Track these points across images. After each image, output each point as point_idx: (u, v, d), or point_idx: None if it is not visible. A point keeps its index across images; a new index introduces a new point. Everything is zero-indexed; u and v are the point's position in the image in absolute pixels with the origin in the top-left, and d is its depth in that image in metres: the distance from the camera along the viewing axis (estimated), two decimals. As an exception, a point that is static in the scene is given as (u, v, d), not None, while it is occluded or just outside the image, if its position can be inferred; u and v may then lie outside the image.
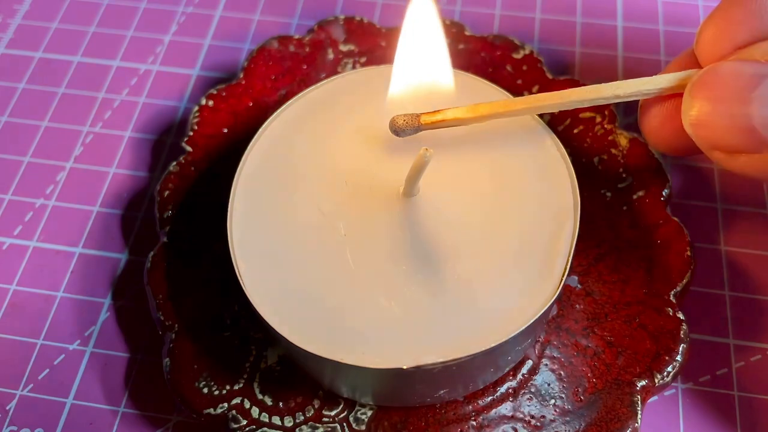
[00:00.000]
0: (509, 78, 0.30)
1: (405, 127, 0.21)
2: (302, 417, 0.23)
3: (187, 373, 0.24)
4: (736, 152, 0.18)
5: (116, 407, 0.25)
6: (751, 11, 0.19)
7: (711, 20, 0.20)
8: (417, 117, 0.21)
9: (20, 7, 0.36)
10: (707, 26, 0.20)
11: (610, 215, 0.26)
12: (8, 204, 0.30)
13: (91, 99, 0.33)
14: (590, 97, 0.21)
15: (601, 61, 0.33)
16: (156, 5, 0.36)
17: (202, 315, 0.25)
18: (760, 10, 0.19)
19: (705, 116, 0.19)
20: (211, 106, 0.29)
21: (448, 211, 0.22)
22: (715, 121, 0.18)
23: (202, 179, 0.28)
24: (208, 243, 0.26)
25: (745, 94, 0.18)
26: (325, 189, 0.22)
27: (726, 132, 0.18)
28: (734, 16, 0.19)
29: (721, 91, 0.18)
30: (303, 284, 0.21)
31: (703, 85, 0.19)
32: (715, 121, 0.18)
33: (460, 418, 0.23)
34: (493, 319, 0.20)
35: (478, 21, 0.35)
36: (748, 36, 0.19)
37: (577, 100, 0.21)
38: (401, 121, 0.21)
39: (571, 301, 0.25)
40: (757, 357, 0.26)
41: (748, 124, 0.18)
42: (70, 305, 0.27)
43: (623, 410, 0.23)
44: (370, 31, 0.31)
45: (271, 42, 0.31)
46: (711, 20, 0.20)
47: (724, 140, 0.18)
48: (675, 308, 0.24)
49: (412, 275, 0.21)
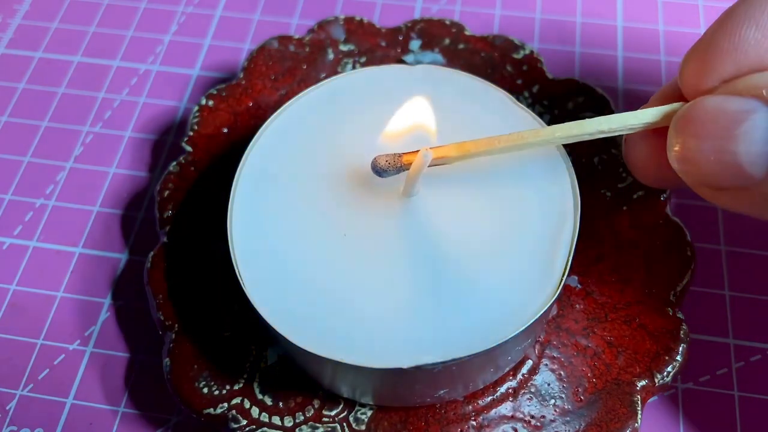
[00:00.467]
0: (509, 78, 0.30)
1: (387, 167, 0.21)
2: (302, 417, 0.23)
3: (187, 373, 0.24)
4: (723, 188, 0.18)
5: (116, 407, 0.25)
6: (734, 43, 0.18)
7: (694, 53, 0.19)
8: (399, 157, 0.21)
9: (20, 7, 0.36)
10: (690, 59, 0.19)
11: (610, 215, 0.26)
12: (8, 204, 0.30)
13: (91, 99, 0.33)
14: (574, 133, 0.20)
15: (601, 61, 0.33)
16: (156, 5, 0.36)
17: (202, 315, 0.25)
18: (742, 42, 0.18)
19: (690, 152, 0.18)
20: (211, 106, 0.29)
21: (447, 210, 0.22)
22: (701, 157, 0.18)
23: (202, 179, 0.28)
24: (208, 243, 0.26)
25: (730, 131, 0.17)
26: (325, 189, 0.22)
27: (712, 168, 0.18)
28: (717, 49, 0.19)
29: (706, 127, 0.18)
30: (303, 284, 0.21)
31: (688, 120, 0.18)
32: (700, 157, 0.18)
33: (460, 418, 0.23)
34: (493, 319, 0.20)
35: (478, 21, 0.35)
36: (732, 68, 0.18)
37: (561, 136, 0.20)
38: (383, 161, 0.21)
39: (571, 301, 0.25)
40: (757, 357, 0.26)
41: (734, 160, 0.17)
42: (70, 305, 0.27)
43: (623, 410, 0.23)
44: (370, 31, 0.31)
45: (271, 42, 0.31)
46: (694, 53, 0.19)
47: (710, 176, 0.18)
48: (675, 308, 0.24)
49: (412, 275, 0.21)
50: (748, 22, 0.18)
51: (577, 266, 0.25)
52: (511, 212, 0.22)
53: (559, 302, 0.25)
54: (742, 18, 0.18)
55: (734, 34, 0.18)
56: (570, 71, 0.33)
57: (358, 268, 0.21)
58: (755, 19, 0.18)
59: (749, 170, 0.17)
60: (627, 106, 0.31)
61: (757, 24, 0.18)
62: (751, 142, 0.17)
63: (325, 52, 0.31)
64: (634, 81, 0.32)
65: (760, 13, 0.18)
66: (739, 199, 0.18)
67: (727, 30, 0.18)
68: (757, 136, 0.17)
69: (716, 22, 0.19)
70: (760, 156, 0.17)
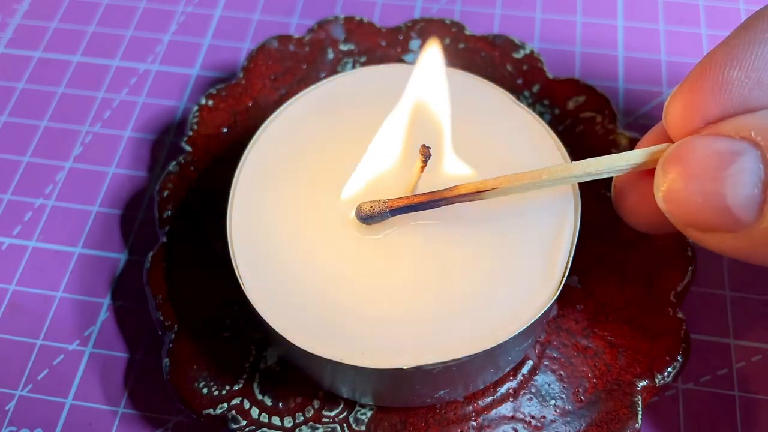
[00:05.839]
0: (509, 78, 0.30)
1: (372, 213, 0.21)
2: (302, 417, 0.23)
3: (187, 374, 0.23)
4: (711, 231, 0.18)
5: (116, 407, 0.25)
6: (719, 84, 0.18)
7: (679, 94, 0.19)
8: (384, 203, 0.21)
9: (19, 7, 0.36)
10: (675, 100, 0.19)
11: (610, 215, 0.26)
12: (7, 204, 0.30)
13: (91, 99, 0.33)
14: (562, 175, 0.20)
15: (601, 61, 0.33)
16: (156, 5, 0.36)
17: (202, 315, 0.25)
18: (727, 82, 0.18)
19: (677, 192, 0.18)
20: (210, 105, 0.29)
21: (448, 210, 0.22)
22: (688, 197, 0.18)
23: (201, 179, 0.27)
24: (208, 243, 0.26)
25: (718, 172, 0.17)
26: (325, 189, 0.22)
27: (699, 210, 0.17)
28: (701, 90, 0.18)
29: (693, 167, 0.17)
30: (303, 284, 0.21)
31: (675, 159, 0.18)
32: (687, 197, 0.18)
33: (461, 418, 0.23)
34: (493, 319, 0.20)
35: (478, 21, 0.35)
36: (717, 110, 0.18)
37: (549, 179, 0.20)
38: (368, 207, 0.21)
39: (572, 301, 0.25)
40: (757, 357, 0.25)
41: (721, 203, 0.17)
42: (70, 305, 0.27)
43: (624, 410, 0.22)
44: (370, 30, 0.31)
45: (271, 41, 0.31)
46: (679, 94, 0.19)
47: (697, 218, 0.18)
48: (675, 308, 0.24)
49: (412, 275, 0.21)
50: (731, 62, 0.18)
51: (577, 266, 0.25)
52: (511, 212, 0.22)
53: (559, 302, 0.25)
54: (724, 58, 0.18)
55: (717, 75, 0.18)
56: (570, 71, 0.33)
57: (359, 268, 0.21)
58: (738, 59, 0.18)
59: (737, 213, 0.17)
60: (627, 106, 0.31)
61: (740, 64, 0.18)
62: (739, 185, 0.17)
63: (325, 52, 0.30)
64: (634, 81, 0.32)
65: (743, 53, 0.18)
66: (727, 242, 0.18)
67: (710, 71, 0.18)
68: (744, 180, 0.17)
69: (699, 63, 0.19)
70: (748, 199, 0.17)
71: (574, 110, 0.28)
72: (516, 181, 0.20)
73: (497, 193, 0.20)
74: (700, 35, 0.34)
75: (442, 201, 0.21)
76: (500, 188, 0.20)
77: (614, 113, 0.28)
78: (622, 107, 0.31)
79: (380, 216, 0.21)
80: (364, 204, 0.21)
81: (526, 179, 0.20)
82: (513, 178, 0.20)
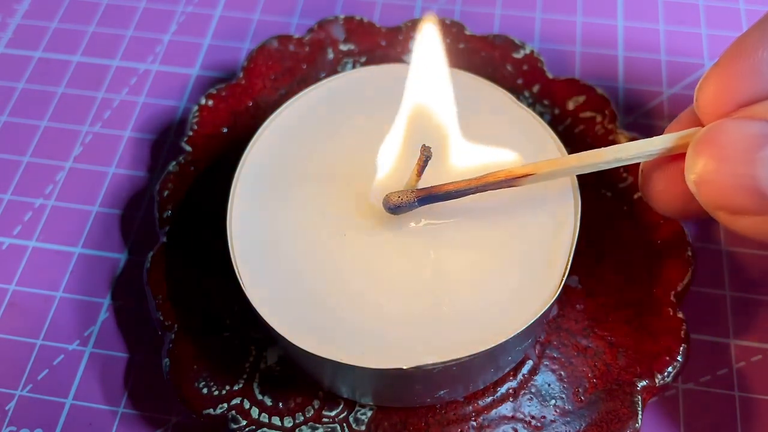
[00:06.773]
0: (509, 78, 0.29)
1: (400, 203, 0.20)
2: (302, 417, 0.23)
3: (187, 374, 0.23)
4: (741, 213, 0.18)
5: (116, 407, 0.25)
6: (752, 66, 0.18)
7: (711, 77, 0.19)
8: (412, 192, 0.21)
9: (19, 7, 0.36)
10: (707, 83, 0.19)
11: (610, 215, 0.26)
12: (7, 204, 0.30)
13: (91, 99, 0.33)
14: (591, 161, 0.20)
15: (601, 61, 0.33)
16: (156, 5, 0.36)
17: (202, 315, 0.25)
18: (761, 65, 0.18)
19: (709, 174, 0.18)
20: (210, 105, 0.29)
21: (448, 210, 0.22)
22: (719, 179, 0.18)
23: (201, 179, 0.27)
24: (208, 243, 0.26)
25: (750, 155, 0.17)
26: (325, 189, 0.22)
27: (730, 192, 0.17)
28: (735, 73, 0.18)
29: (726, 150, 0.18)
30: (303, 284, 0.21)
31: (707, 142, 0.18)
32: (719, 179, 0.18)
33: (461, 418, 0.23)
34: (493, 319, 0.20)
35: (478, 21, 0.35)
36: (750, 92, 0.18)
37: (577, 165, 0.20)
38: (396, 197, 0.20)
39: (572, 301, 0.25)
40: (757, 357, 0.25)
41: (753, 185, 0.17)
42: (70, 305, 0.27)
43: (624, 410, 0.22)
44: (370, 30, 0.31)
45: (271, 41, 0.30)
46: (711, 77, 0.19)
47: (728, 200, 0.18)
48: (675, 308, 0.24)
49: (412, 275, 0.21)
50: (764, 45, 0.18)
51: (577, 266, 0.25)
52: (511, 212, 0.22)
53: (559, 302, 0.25)
54: (757, 41, 0.18)
55: (750, 58, 0.18)
56: (570, 71, 0.33)
57: (359, 269, 0.21)
58: None
59: None
60: (627, 106, 0.31)
61: None
62: None
63: (325, 52, 0.30)
64: (634, 81, 0.32)
65: None
66: (757, 225, 0.18)
67: (743, 54, 0.18)
68: None
69: (731, 45, 0.19)
70: None
71: (574, 110, 0.28)
72: (546, 168, 0.20)
73: (531, 180, 0.20)
74: (700, 35, 0.34)
75: (470, 190, 0.20)
76: (536, 174, 0.20)
77: (614, 113, 0.28)
78: (622, 107, 0.31)
79: (408, 206, 0.21)
80: (392, 194, 0.21)
81: (554, 166, 0.20)
82: (543, 165, 0.20)
